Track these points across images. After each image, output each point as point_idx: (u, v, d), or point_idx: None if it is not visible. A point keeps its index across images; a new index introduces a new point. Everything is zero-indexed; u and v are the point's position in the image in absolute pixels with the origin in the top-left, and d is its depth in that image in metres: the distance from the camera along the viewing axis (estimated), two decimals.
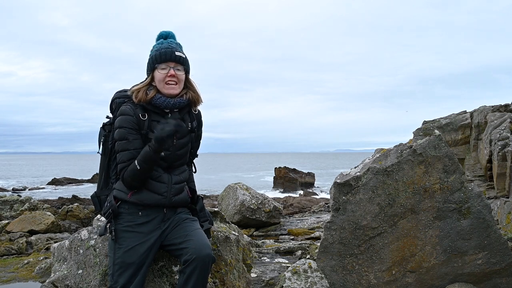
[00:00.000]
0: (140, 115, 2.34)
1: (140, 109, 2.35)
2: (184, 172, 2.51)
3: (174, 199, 2.40)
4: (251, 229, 7.91)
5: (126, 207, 2.35)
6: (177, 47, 2.42)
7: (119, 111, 2.37)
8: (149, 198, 2.34)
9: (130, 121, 2.32)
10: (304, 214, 11.51)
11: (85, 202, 16.59)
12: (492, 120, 6.81)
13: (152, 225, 2.35)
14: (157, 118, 2.37)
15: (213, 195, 22.46)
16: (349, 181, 2.81)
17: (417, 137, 2.90)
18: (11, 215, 10.62)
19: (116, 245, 2.30)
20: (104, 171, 2.48)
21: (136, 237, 2.31)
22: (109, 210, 2.35)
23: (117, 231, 2.32)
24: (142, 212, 2.35)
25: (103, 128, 2.48)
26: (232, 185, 8.36)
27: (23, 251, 7.03)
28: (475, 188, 2.80)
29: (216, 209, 3.31)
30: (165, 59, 2.35)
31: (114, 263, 2.29)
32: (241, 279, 3.07)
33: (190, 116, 2.50)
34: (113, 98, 2.50)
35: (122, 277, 2.25)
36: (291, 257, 5.59)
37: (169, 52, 2.36)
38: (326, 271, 2.95)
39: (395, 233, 2.82)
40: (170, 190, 2.38)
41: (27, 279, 4.68)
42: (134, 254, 2.27)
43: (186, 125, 2.45)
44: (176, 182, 2.42)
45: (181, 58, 2.39)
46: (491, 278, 2.88)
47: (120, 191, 2.37)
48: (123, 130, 2.31)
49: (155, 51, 2.38)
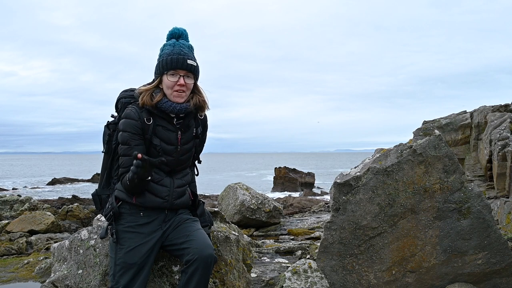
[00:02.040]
0: (145, 119, 2.30)
1: (145, 113, 2.31)
2: (186, 175, 2.49)
3: (176, 202, 2.39)
4: (251, 229, 7.90)
5: (128, 208, 2.34)
6: (190, 52, 2.33)
7: (124, 113, 2.33)
8: (150, 201, 2.33)
9: (133, 126, 2.28)
10: (304, 214, 11.51)
11: (85, 202, 16.60)
12: (492, 120, 6.81)
13: (153, 226, 2.35)
14: (163, 123, 2.34)
15: (213, 195, 22.45)
16: (349, 181, 2.81)
17: (417, 137, 2.90)
18: (11, 215, 10.61)
19: (118, 245, 2.29)
20: (107, 171, 2.46)
21: (138, 237, 2.30)
22: (110, 212, 2.34)
23: (118, 231, 2.31)
24: (143, 213, 2.34)
25: (107, 127, 2.46)
26: (232, 185, 8.36)
27: (23, 251, 7.03)
28: (475, 188, 2.80)
29: (216, 209, 3.31)
30: (176, 66, 2.27)
31: (115, 263, 2.28)
32: (241, 279, 3.07)
33: (195, 121, 2.46)
34: (119, 97, 2.47)
35: (124, 278, 2.25)
36: (291, 257, 5.59)
37: (181, 60, 2.27)
38: (326, 271, 2.95)
39: (395, 233, 2.82)
40: (172, 194, 2.37)
41: (27, 279, 4.68)
42: (135, 254, 2.27)
43: (191, 131, 2.43)
44: (178, 185, 2.40)
45: (192, 66, 2.30)
46: (491, 278, 2.88)
47: (121, 191, 2.35)
48: (126, 134, 2.28)
49: (166, 55, 2.29)
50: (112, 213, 2.32)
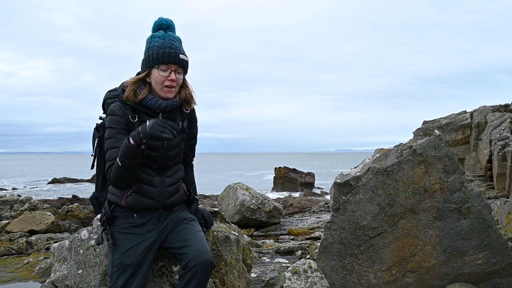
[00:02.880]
0: (130, 117, 2.25)
1: (129, 110, 2.26)
2: (178, 172, 2.42)
3: (167, 201, 2.35)
4: (251, 229, 7.90)
5: (121, 211, 2.32)
6: (180, 46, 2.28)
7: (108, 110, 2.30)
8: (141, 202, 2.29)
9: (118, 121, 2.24)
10: (304, 214, 11.51)
11: (85, 202, 16.58)
12: (492, 120, 6.81)
13: (148, 226, 2.32)
14: (147, 119, 2.22)
15: (213, 195, 22.44)
16: (349, 181, 2.81)
17: (417, 137, 2.90)
18: (11, 215, 10.61)
19: (114, 247, 2.28)
20: (101, 173, 2.44)
21: (133, 238, 2.28)
22: (103, 217, 2.32)
23: (113, 234, 2.30)
24: (137, 214, 2.32)
25: (96, 129, 2.42)
26: (232, 185, 8.35)
27: (23, 251, 7.02)
28: (475, 188, 2.80)
29: (216, 209, 3.31)
30: (168, 61, 2.20)
31: (112, 264, 2.27)
32: (241, 279, 3.07)
33: (181, 115, 2.40)
34: (105, 98, 2.43)
35: (121, 279, 2.24)
36: (291, 257, 5.59)
37: (173, 54, 2.21)
38: (326, 271, 2.95)
39: (395, 233, 2.82)
40: (163, 194, 2.31)
41: (27, 279, 4.68)
42: (131, 255, 2.25)
43: (177, 125, 2.32)
44: (169, 184, 2.34)
45: (184, 61, 2.25)
46: (491, 278, 2.88)
47: (113, 195, 2.33)
48: (112, 130, 2.24)
49: (157, 48, 2.20)
50: (106, 218, 2.30)
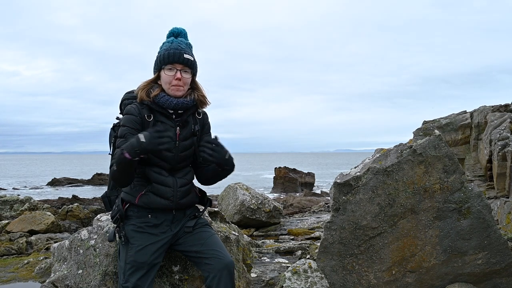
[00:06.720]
0: (146, 116, 2.33)
1: (146, 110, 2.34)
2: (189, 173, 2.48)
3: (181, 202, 2.39)
4: (251, 229, 7.90)
5: (136, 210, 2.35)
6: (187, 48, 2.37)
7: (125, 110, 2.38)
8: (155, 202, 2.32)
9: (132, 121, 2.31)
10: (304, 214, 11.51)
11: (85, 202, 16.58)
12: (492, 120, 6.81)
13: (163, 227, 2.36)
14: (162, 119, 2.36)
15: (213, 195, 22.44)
16: (349, 181, 2.81)
17: (417, 137, 2.90)
18: (11, 215, 10.61)
19: (128, 244, 2.31)
20: None
21: (148, 237, 2.31)
22: (116, 214, 2.34)
23: (127, 231, 2.32)
24: (151, 215, 2.34)
25: (113, 129, 2.50)
26: (232, 185, 8.35)
27: (23, 251, 7.02)
28: (475, 188, 2.80)
29: (216, 209, 3.31)
30: (172, 60, 2.31)
31: (125, 262, 2.29)
32: (241, 279, 3.07)
33: (193, 119, 2.47)
34: (122, 99, 2.53)
35: (134, 276, 2.26)
36: (291, 257, 5.59)
37: (177, 54, 2.31)
38: (326, 271, 2.95)
39: (395, 233, 2.82)
40: (176, 194, 2.36)
41: (27, 279, 4.68)
42: (146, 253, 2.28)
43: (190, 127, 2.43)
44: (182, 185, 2.39)
45: (189, 61, 2.34)
46: (491, 278, 2.88)
47: (127, 194, 2.36)
48: (125, 128, 2.31)
49: (164, 50, 2.34)
50: (119, 215, 2.33)
